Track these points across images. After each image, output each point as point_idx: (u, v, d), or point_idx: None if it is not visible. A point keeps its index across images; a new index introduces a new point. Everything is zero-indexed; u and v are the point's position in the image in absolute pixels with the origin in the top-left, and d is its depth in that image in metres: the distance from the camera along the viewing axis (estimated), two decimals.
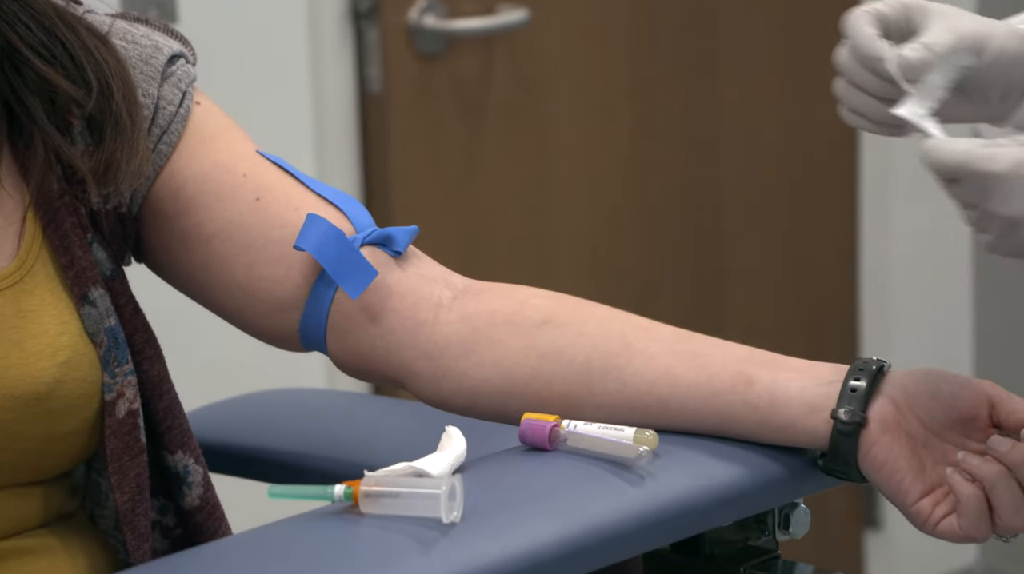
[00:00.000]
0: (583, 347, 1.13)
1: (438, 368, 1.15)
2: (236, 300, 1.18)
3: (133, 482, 1.15)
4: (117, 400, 1.14)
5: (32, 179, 1.12)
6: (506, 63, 2.42)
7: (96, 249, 1.15)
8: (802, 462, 1.11)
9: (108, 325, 1.14)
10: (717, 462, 1.09)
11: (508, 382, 1.14)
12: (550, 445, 1.08)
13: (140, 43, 1.18)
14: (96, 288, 1.14)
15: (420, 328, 1.16)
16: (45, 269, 1.13)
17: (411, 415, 1.36)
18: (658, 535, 1.07)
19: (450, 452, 1.05)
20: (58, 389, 1.10)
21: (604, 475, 1.05)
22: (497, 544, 0.97)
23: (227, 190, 1.17)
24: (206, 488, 1.21)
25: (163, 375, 1.18)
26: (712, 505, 1.08)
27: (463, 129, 2.41)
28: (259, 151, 1.20)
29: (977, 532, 1.05)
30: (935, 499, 1.06)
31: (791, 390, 1.09)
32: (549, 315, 1.15)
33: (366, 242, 1.16)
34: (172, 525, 1.22)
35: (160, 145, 1.17)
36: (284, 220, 1.17)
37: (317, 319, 1.16)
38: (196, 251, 1.18)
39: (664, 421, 1.11)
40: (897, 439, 1.07)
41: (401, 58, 2.33)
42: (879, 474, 1.07)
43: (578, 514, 1.02)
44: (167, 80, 1.18)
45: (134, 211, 1.18)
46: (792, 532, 1.15)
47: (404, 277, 1.17)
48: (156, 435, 1.19)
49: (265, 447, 1.35)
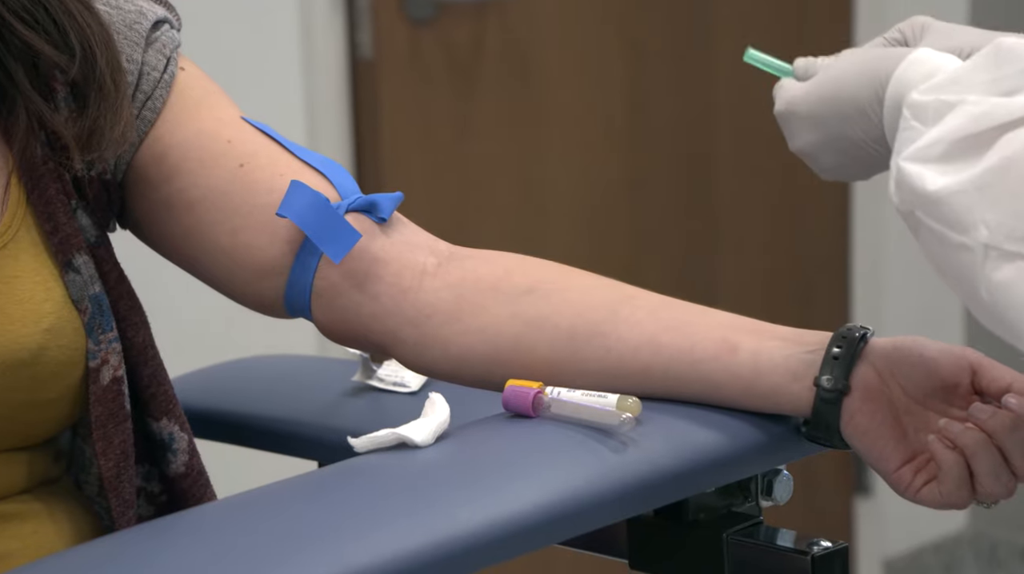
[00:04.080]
0: (568, 314, 1.13)
1: (423, 335, 1.15)
2: (221, 266, 1.18)
3: (118, 449, 1.16)
4: (101, 367, 1.14)
5: (15, 145, 1.12)
6: (497, 29, 2.42)
7: (80, 215, 1.15)
8: (785, 429, 1.11)
9: (92, 292, 1.14)
10: (700, 428, 1.09)
11: (493, 349, 1.14)
12: (533, 412, 1.08)
13: (124, 8, 1.18)
14: (80, 255, 1.14)
15: (405, 295, 1.16)
16: (29, 235, 1.13)
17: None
18: (641, 501, 1.07)
19: (433, 418, 1.05)
20: (42, 356, 1.10)
21: (587, 441, 1.05)
22: (479, 510, 0.98)
23: (211, 156, 1.17)
24: (191, 455, 1.21)
25: (148, 342, 1.18)
26: (695, 471, 1.08)
27: (454, 95, 2.41)
28: (244, 117, 1.20)
29: (958, 498, 1.06)
30: (916, 466, 1.07)
31: (775, 358, 1.09)
32: (534, 282, 1.15)
33: (350, 209, 1.16)
34: (157, 491, 1.22)
35: (144, 111, 1.17)
36: (269, 186, 1.17)
37: (302, 286, 1.16)
38: (180, 217, 1.18)
39: (647, 388, 1.11)
40: (879, 406, 1.07)
41: (392, 24, 2.32)
42: (861, 441, 1.07)
43: (560, 480, 1.02)
44: (151, 46, 1.18)
45: (118, 177, 1.18)
46: (775, 498, 1.15)
47: (389, 244, 1.17)
48: (141, 402, 1.19)
49: (251, 413, 1.35)
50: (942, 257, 0.93)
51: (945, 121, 0.94)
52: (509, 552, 0.99)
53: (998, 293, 0.89)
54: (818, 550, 1.10)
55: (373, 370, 1.35)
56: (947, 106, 0.95)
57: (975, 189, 0.91)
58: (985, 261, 0.90)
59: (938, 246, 0.93)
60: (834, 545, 1.11)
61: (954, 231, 0.91)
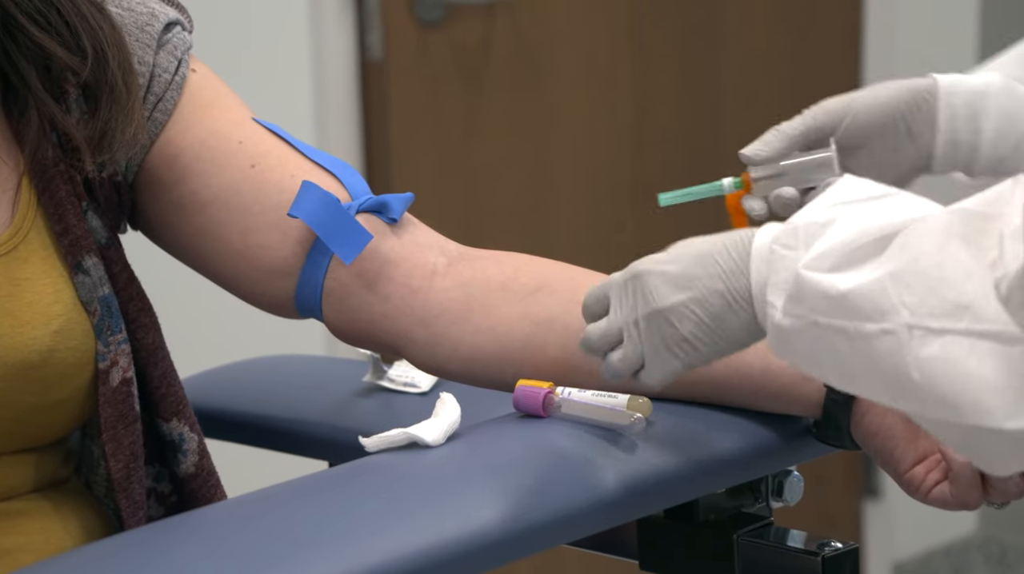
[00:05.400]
0: (577, 314, 1.13)
1: (433, 335, 1.15)
2: (232, 267, 1.18)
3: (127, 450, 1.16)
4: (111, 369, 1.14)
5: (27, 147, 1.12)
6: (507, 30, 2.42)
7: (91, 217, 1.15)
8: (795, 429, 1.11)
9: (102, 294, 1.14)
10: (710, 429, 1.09)
11: (502, 349, 1.14)
12: (544, 412, 1.08)
13: (136, 10, 1.18)
14: (90, 257, 1.14)
15: (415, 295, 1.16)
16: (40, 237, 1.13)
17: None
18: (651, 501, 1.07)
19: (444, 418, 1.05)
20: (51, 358, 1.10)
21: (597, 442, 1.05)
22: (490, 510, 0.98)
23: (223, 157, 1.17)
24: (201, 455, 1.21)
25: (158, 343, 1.18)
26: (705, 472, 1.08)
27: (463, 96, 2.41)
28: (255, 118, 1.20)
29: (969, 499, 1.06)
30: (927, 467, 1.07)
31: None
32: (543, 282, 1.15)
33: (361, 209, 1.16)
34: (167, 492, 1.22)
35: (155, 113, 1.17)
36: (280, 187, 1.17)
37: (312, 286, 1.16)
38: (192, 218, 1.18)
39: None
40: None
41: (401, 25, 2.32)
42: (872, 442, 1.07)
43: (571, 480, 1.02)
44: (163, 47, 1.18)
45: (130, 179, 1.18)
46: (786, 499, 1.15)
47: (399, 244, 1.17)
48: (151, 403, 1.19)
49: (261, 414, 1.36)
50: (855, 357, 0.93)
51: (828, 235, 0.94)
52: (519, 552, 0.99)
53: (930, 370, 0.89)
54: (829, 551, 1.10)
55: (384, 370, 1.35)
56: (820, 227, 0.95)
57: (888, 277, 0.91)
58: (911, 340, 0.90)
59: (848, 346, 0.93)
60: (844, 546, 1.11)
61: (871, 322, 0.91)
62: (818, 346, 0.95)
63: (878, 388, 0.93)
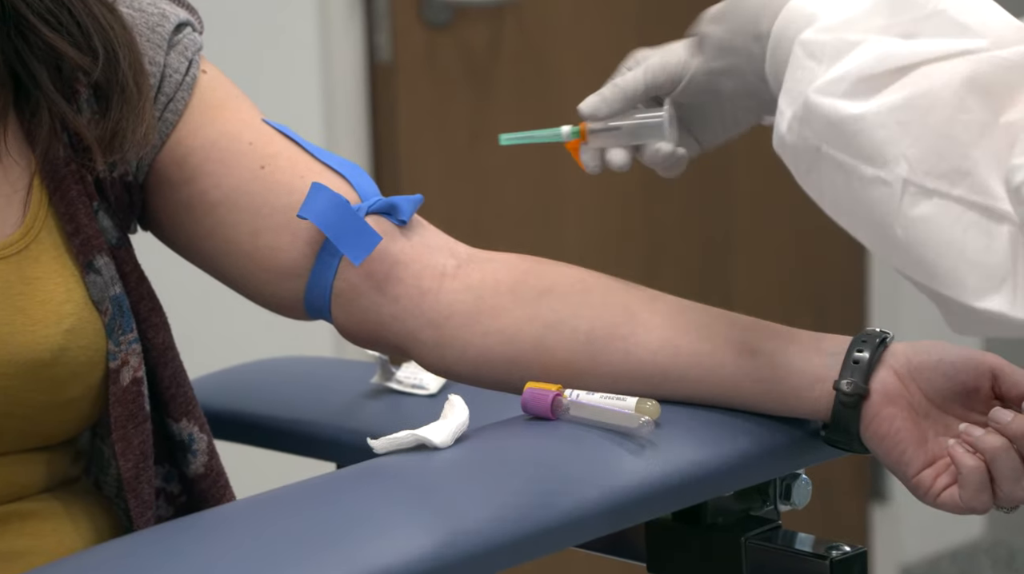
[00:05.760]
0: (586, 317, 1.13)
1: (442, 337, 1.16)
2: (241, 268, 1.18)
3: (137, 450, 1.16)
4: (121, 368, 1.14)
5: (38, 147, 1.13)
6: (514, 33, 2.42)
7: (102, 217, 1.15)
8: (804, 432, 1.11)
9: (113, 293, 1.14)
10: (719, 432, 1.09)
11: (511, 351, 1.14)
12: (552, 414, 1.08)
13: (147, 11, 1.18)
14: (101, 256, 1.14)
15: (424, 297, 1.16)
16: (51, 237, 1.13)
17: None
18: (659, 504, 1.07)
19: (452, 420, 1.05)
20: (62, 356, 1.11)
21: (605, 444, 1.05)
22: (496, 514, 0.98)
23: (232, 158, 1.18)
24: (211, 456, 1.21)
25: (168, 343, 1.19)
26: (713, 475, 1.08)
27: (471, 98, 2.41)
28: (265, 119, 1.20)
29: (978, 503, 1.05)
30: (937, 470, 1.07)
31: (794, 361, 1.09)
32: (552, 284, 1.15)
33: (370, 211, 1.16)
34: (177, 492, 1.22)
35: (166, 113, 1.18)
36: (289, 188, 1.17)
37: (322, 287, 1.17)
38: (202, 219, 1.18)
39: (666, 391, 1.11)
40: (899, 410, 1.07)
41: (409, 27, 2.32)
42: (881, 445, 1.07)
43: (579, 483, 1.02)
44: (173, 48, 1.18)
45: (140, 179, 1.19)
46: (794, 502, 1.15)
47: (408, 246, 1.17)
48: (161, 403, 1.19)
49: (270, 415, 1.36)
50: (848, 194, 0.91)
51: (849, 59, 0.92)
52: (527, 554, 0.99)
53: (915, 230, 0.88)
54: (837, 555, 1.10)
55: (392, 372, 1.35)
56: (849, 45, 0.93)
57: (896, 123, 0.89)
58: (903, 196, 0.88)
59: (844, 182, 0.91)
60: (853, 549, 1.11)
61: (870, 164, 0.89)
62: (816, 170, 0.93)
63: (863, 232, 0.92)
